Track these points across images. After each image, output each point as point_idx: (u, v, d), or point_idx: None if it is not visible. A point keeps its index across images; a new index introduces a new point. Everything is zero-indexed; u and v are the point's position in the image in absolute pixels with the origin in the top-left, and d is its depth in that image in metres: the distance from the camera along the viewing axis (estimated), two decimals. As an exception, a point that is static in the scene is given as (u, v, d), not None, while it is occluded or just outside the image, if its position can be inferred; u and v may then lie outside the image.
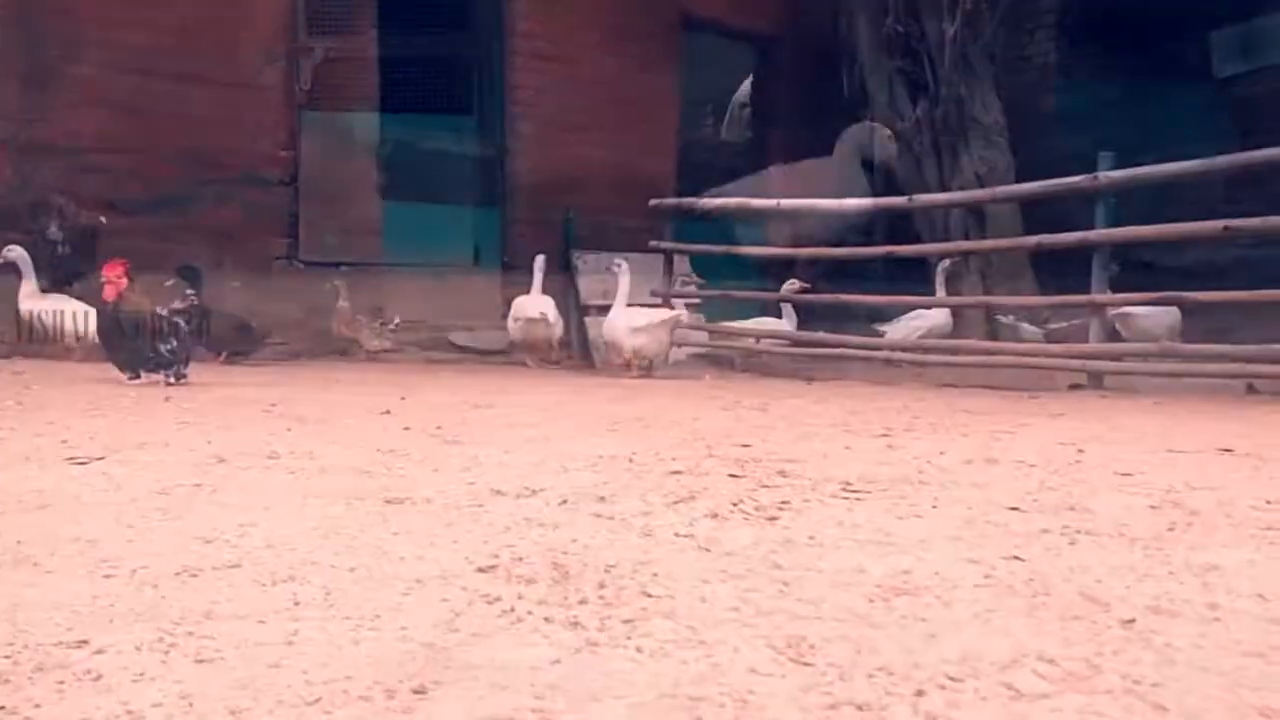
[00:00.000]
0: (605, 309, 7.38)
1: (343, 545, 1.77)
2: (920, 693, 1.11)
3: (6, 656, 1.17)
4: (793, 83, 10.73)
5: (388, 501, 2.18)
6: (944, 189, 8.40)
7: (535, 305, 7.35)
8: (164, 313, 4.68)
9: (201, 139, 7.28)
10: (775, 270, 9.60)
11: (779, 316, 7.83)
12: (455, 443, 3.14)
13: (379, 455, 2.83)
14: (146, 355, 4.61)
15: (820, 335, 7.35)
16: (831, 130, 10.44)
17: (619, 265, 7.28)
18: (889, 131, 9.03)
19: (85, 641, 1.23)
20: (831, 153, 10.22)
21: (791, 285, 7.54)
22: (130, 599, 1.42)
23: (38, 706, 1.03)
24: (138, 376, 4.69)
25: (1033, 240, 6.26)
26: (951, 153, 8.64)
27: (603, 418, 4.00)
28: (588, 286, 8.65)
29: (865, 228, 9.59)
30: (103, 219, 6.76)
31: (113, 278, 4.62)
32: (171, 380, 4.65)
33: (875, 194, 8.60)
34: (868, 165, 9.59)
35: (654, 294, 8.24)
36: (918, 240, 8.30)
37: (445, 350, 8.48)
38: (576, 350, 8.38)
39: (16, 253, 6.11)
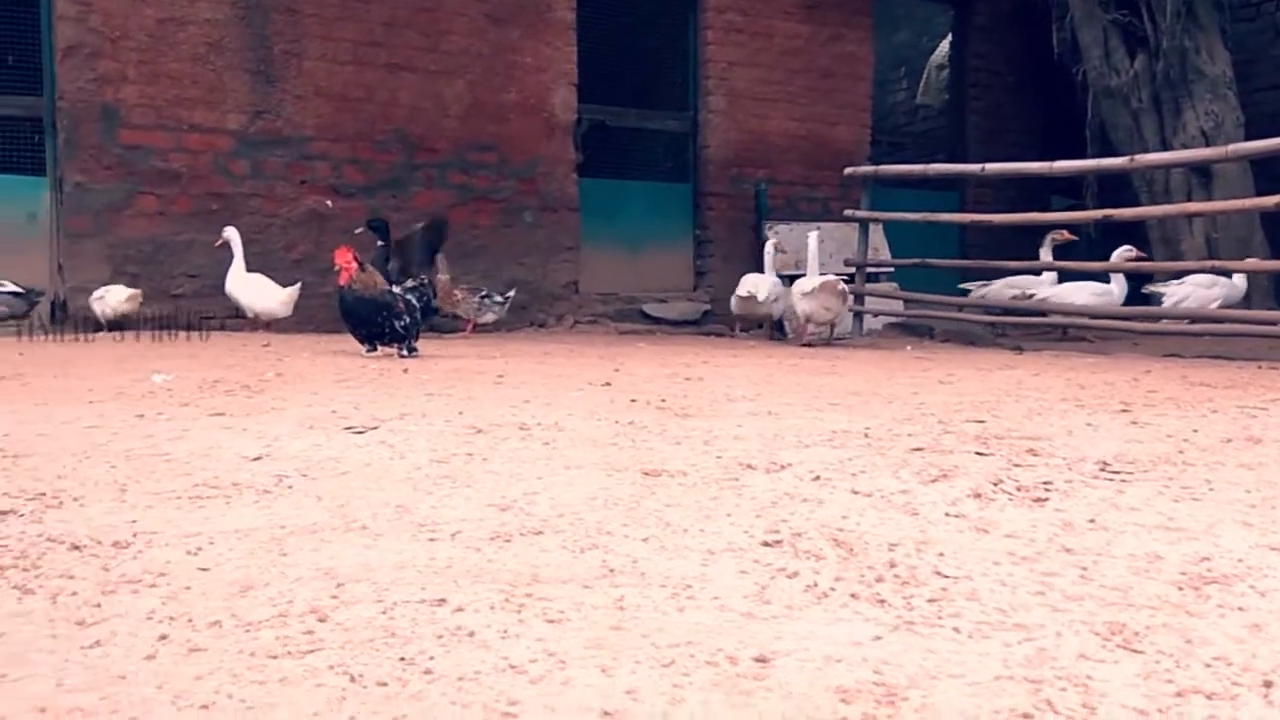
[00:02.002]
0: (795, 279, 7.34)
1: (624, 516, 1.87)
2: (1269, 684, 1.09)
3: (382, 612, 1.32)
4: (994, 41, 10.26)
5: (645, 474, 2.28)
6: (1165, 147, 7.87)
7: (749, 284, 7.42)
8: (397, 291, 5.00)
9: (411, 125, 7.66)
10: (973, 238, 9.32)
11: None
12: (685, 415, 3.24)
13: (619, 427, 2.95)
14: (383, 331, 4.94)
15: (1142, 310, 7.02)
16: (1038, 93, 9.96)
17: (810, 234, 7.26)
18: None
19: (443, 600, 1.37)
20: (1034, 118, 9.74)
21: (1127, 253, 7.09)
22: (461, 561, 1.56)
23: (432, 659, 1.16)
24: (374, 349, 5.04)
25: (1272, 200, 5.79)
26: (1174, 108, 8.07)
27: (818, 391, 4.02)
28: (779, 257, 8.61)
29: (1075, 190, 9.13)
30: (329, 203, 7.26)
31: (343, 263, 4.95)
32: (404, 353, 4.97)
33: (1089, 155, 8.17)
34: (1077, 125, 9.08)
35: (848, 263, 8.16)
36: (1135, 202, 7.84)
37: (636, 321, 8.66)
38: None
39: (230, 233, 6.53)
